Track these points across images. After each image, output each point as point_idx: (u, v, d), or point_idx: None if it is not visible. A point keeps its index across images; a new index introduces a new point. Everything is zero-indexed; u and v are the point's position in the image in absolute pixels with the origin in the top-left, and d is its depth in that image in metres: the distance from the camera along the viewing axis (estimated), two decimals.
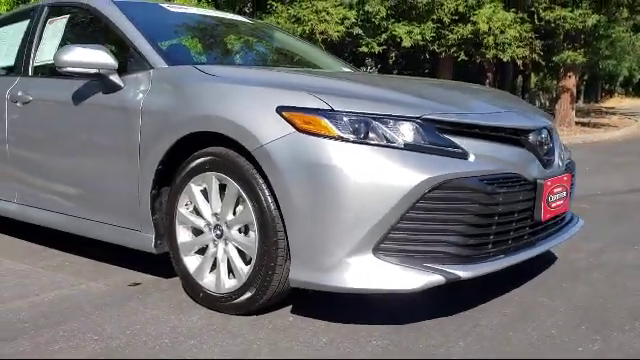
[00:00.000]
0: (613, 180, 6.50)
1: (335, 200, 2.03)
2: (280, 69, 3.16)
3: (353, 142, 2.07)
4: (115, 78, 2.75)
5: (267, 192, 2.20)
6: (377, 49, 14.83)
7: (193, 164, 2.44)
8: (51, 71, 3.31)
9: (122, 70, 2.78)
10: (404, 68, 27.57)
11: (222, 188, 2.39)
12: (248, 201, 2.25)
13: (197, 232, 2.51)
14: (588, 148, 11.32)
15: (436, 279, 2.03)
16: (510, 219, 2.27)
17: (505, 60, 16.53)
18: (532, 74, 31.81)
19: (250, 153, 2.21)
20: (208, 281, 2.44)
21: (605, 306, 2.49)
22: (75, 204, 2.98)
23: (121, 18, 2.99)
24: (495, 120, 2.33)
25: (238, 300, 2.32)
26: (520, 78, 32.99)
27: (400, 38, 14.40)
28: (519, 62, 17.00)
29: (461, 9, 14.73)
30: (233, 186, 2.31)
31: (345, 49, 20.00)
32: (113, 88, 2.76)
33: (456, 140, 2.16)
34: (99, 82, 2.81)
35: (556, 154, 2.57)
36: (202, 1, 14.14)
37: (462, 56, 15.58)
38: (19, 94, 3.27)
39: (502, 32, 14.65)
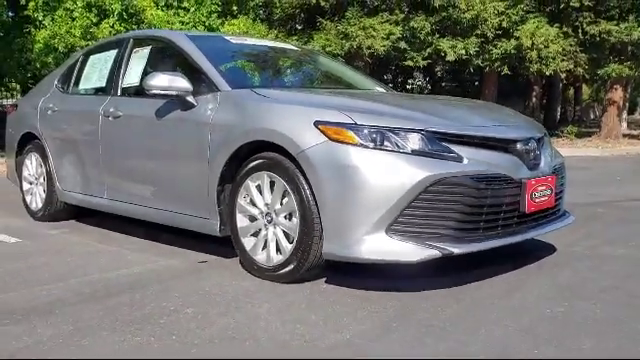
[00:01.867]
0: None
1: (357, 192, 2.68)
2: (317, 91, 3.84)
3: (371, 148, 2.72)
4: (190, 98, 3.49)
5: (306, 186, 2.87)
6: (422, 63, 15.39)
7: (250, 165, 3.13)
8: (136, 92, 4.10)
9: (195, 92, 3.51)
10: (451, 82, 27.98)
11: (272, 184, 3.07)
12: (292, 194, 2.93)
13: (252, 219, 3.20)
14: (630, 160, 11.57)
15: (434, 253, 2.66)
16: (498, 210, 2.87)
17: (548, 74, 16.82)
18: (584, 86, 31.58)
19: (293, 156, 2.89)
20: (261, 257, 3.12)
21: (583, 285, 3.04)
22: (157, 198, 3.73)
23: (193, 49, 3.74)
24: (487, 132, 2.94)
25: (283, 271, 2.99)
26: (572, 90, 32.83)
27: (444, 52, 14.93)
28: (563, 75, 17.24)
29: (505, 24, 15.15)
30: (280, 182, 2.99)
31: (391, 63, 20.65)
32: (189, 106, 3.50)
33: (453, 147, 2.79)
34: (177, 101, 3.55)
35: (542, 159, 3.15)
36: (256, 21, 15.07)
37: (505, 70, 15.96)
38: (111, 110, 4.06)
39: (545, 47, 14.97)
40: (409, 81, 27.94)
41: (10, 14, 12.18)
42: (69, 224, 4.81)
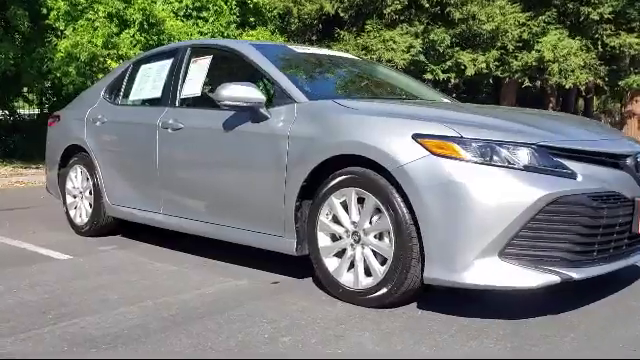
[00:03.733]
0: None
1: (467, 212, 2.49)
2: (403, 102, 3.67)
3: (480, 164, 2.54)
4: (263, 110, 3.32)
5: (402, 204, 2.69)
6: (442, 76, 15.25)
7: (335, 181, 2.95)
8: (197, 102, 3.94)
9: (267, 103, 3.34)
10: (464, 92, 27.82)
11: (360, 201, 2.88)
12: (385, 212, 2.74)
13: (335, 237, 3.02)
14: None
15: (553, 278, 2.47)
16: (612, 231, 2.69)
17: (568, 87, 16.68)
18: (594, 97, 31.46)
19: (389, 172, 2.71)
20: (346, 279, 2.93)
21: None
22: (222, 214, 3.54)
23: (263, 59, 3.58)
24: (598, 146, 2.77)
25: (375, 295, 2.80)
26: (581, 101, 32.73)
27: (464, 66, 14.79)
28: (582, 88, 17.11)
29: (525, 36, 15.03)
30: (371, 199, 2.80)
31: (409, 75, 20.55)
32: (261, 118, 3.33)
33: (565, 163, 2.60)
34: (248, 113, 3.37)
35: None
36: (275, 33, 14.97)
37: (527, 82, 15.82)
38: (170, 122, 3.89)
39: (565, 59, 14.84)
40: None
41: (29, 24, 12.05)
42: (116, 240, 4.63)
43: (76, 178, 4.82)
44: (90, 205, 4.69)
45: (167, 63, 4.25)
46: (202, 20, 13.73)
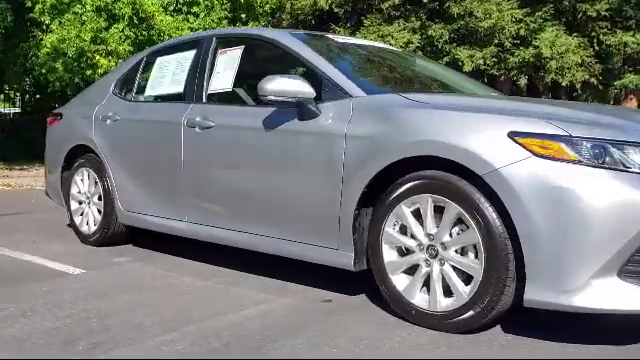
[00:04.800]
0: None
1: (580, 222, 2.14)
2: (476, 95, 3.30)
3: (593, 166, 2.18)
4: (312, 106, 2.93)
5: (494, 215, 2.32)
6: None
7: (405, 187, 2.57)
8: (228, 98, 3.54)
9: (316, 98, 2.96)
10: None
11: (437, 210, 2.51)
12: (472, 223, 2.37)
13: (404, 252, 2.65)
14: None
15: None
16: None
17: (564, 84, 16.52)
18: (584, 95, 31.53)
19: (479, 177, 2.34)
20: (420, 300, 2.56)
21: None
22: (263, 223, 3.15)
23: (307, 50, 3.19)
24: None
25: (458, 319, 2.43)
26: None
27: (462, 62, 14.52)
28: (578, 86, 16.96)
29: (522, 32, 14.80)
30: (453, 208, 2.43)
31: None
32: (310, 115, 2.94)
33: None
34: (294, 109, 2.98)
35: None
36: (267, 27, 14.51)
37: (523, 79, 15.62)
38: (197, 119, 3.48)
39: (562, 57, 14.65)
40: None
41: (12, 18, 11.44)
42: (128, 250, 4.20)
43: (82, 182, 4.38)
44: (99, 212, 4.25)
45: (189, 55, 3.83)
46: (193, 15, 13.27)
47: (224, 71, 3.54)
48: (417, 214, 2.57)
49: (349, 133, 2.76)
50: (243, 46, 3.52)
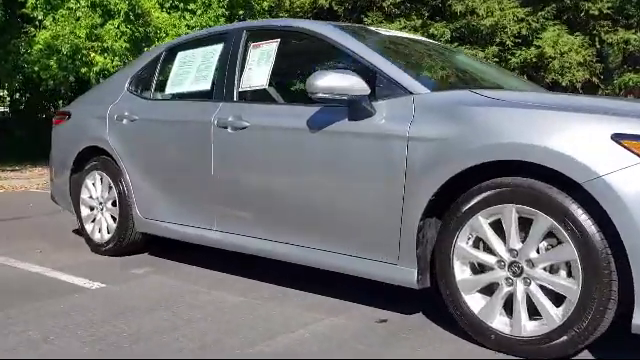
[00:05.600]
0: None
1: None
2: (554, 93, 3.01)
3: None
4: (367, 104, 2.64)
5: (594, 227, 2.04)
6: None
7: (482, 195, 2.29)
8: (263, 96, 3.24)
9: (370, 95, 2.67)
10: None
11: (522, 222, 2.23)
12: (568, 237, 2.09)
13: (478, 268, 2.36)
14: None
15: None
16: None
17: (564, 84, 16.37)
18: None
19: (573, 184, 2.06)
20: (500, 323, 2.28)
21: None
22: (311, 234, 2.85)
23: (356, 44, 2.90)
24: None
25: (549, 344, 2.14)
26: None
27: None
28: (578, 85, 16.82)
29: (524, 31, 14.61)
30: (543, 220, 2.15)
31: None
32: (364, 114, 2.65)
33: None
34: (345, 108, 2.69)
35: None
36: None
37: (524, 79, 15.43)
38: (229, 119, 3.17)
39: (562, 55, 14.49)
40: None
41: (3, 13, 11.01)
42: (145, 260, 3.88)
43: (94, 186, 4.05)
44: (113, 219, 3.93)
45: (215, 49, 3.52)
46: (189, 12, 12.94)
47: (258, 67, 3.23)
48: (499, 227, 2.28)
49: (412, 135, 2.47)
50: (279, 39, 3.21)
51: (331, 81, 2.58)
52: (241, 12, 14.28)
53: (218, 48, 3.50)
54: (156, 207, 3.65)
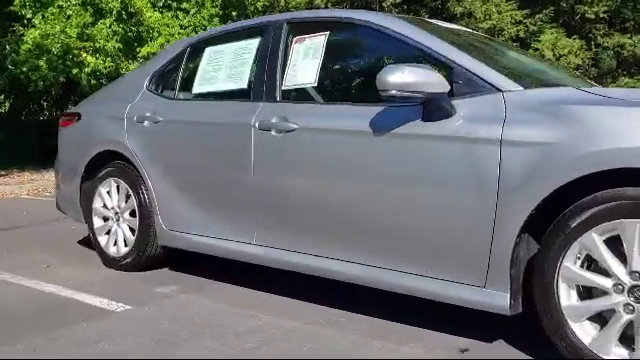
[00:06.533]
0: None
1: None
2: None
3: None
4: (447, 103, 2.32)
5: None
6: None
7: (597, 209, 1.98)
8: (310, 95, 2.91)
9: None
10: None
11: None
12: None
13: (589, 292, 2.05)
14: None
15: None
16: None
17: None
18: None
19: None
20: (618, 356, 1.96)
21: None
22: (377, 252, 2.51)
23: (426, 36, 2.58)
24: None
25: None
26: None
27: None
28: None
29: (522, 34, 14.45)
30: None
31: None
32: (441, 115, 2.33)
33: None
34: (414, 108, 2.38)
35: None
36: None
37: None
38: (273, 121, 2.83)
39: (560, 58, 14.36)
40: None
41: None
42: (167, 276, 3.52)
43: (109, 195, 3.68)
44: (132, 230, 3.56)
45: (250, 44, 3.17)
46: (183, 12, 12.57)
47: (304, 62, 2.89)
48: (616, 245, 1.97)
49: (506, 138, 2.15)
50: (328, 32, 2.88)
51: (407, 76, 2.26)
52: (234, 12, 13.95)
53: (254, 43, 3.16)
54: (183, 218, 3.29)
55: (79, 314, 2.81)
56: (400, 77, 2.26)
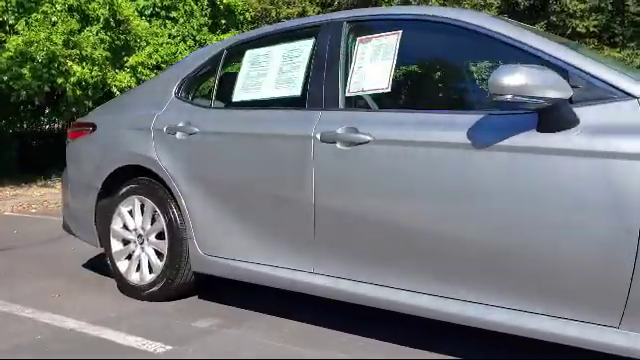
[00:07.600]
0: None
1: None
2: None
3: None
4: (569, 111, 1.98)
5: None
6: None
7: None
8: (384, 102, 2.55)
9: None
10: None
11: None
12: None
13: None
14: None
15: None
16: None
17: None
18: None
19: None
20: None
21: None
22: (468, 283, 2.15)
23: (528, 35, 2.24)
24: None
25: None
26: None
27: None
28: None
29: None
30: None
31: None
32: (562, 124, 1.99)
33: None
34: (525, 116, 2.04)
35: None
36: None
37: None
38: (339, 132, 2.47)
39: None
40: None
41: None
42: (201, 307, 3.11)
43: (132, 215, 3.26)
44: (159, 255, 3.14)
45: (302, 46, 2.81)
46: (171, 21, 12.17)
47: (372, 65, 2.54)
48: None
49: None
50: (400, 31, 2.53)
51: (526, 78, 1.92)
52: (223, 21, 13.59)
53: (307, 44, 2.79)
54: (224, 241, 2.89)
55: (115, 357, 2.38)
56: (518, 79, 1.92)
